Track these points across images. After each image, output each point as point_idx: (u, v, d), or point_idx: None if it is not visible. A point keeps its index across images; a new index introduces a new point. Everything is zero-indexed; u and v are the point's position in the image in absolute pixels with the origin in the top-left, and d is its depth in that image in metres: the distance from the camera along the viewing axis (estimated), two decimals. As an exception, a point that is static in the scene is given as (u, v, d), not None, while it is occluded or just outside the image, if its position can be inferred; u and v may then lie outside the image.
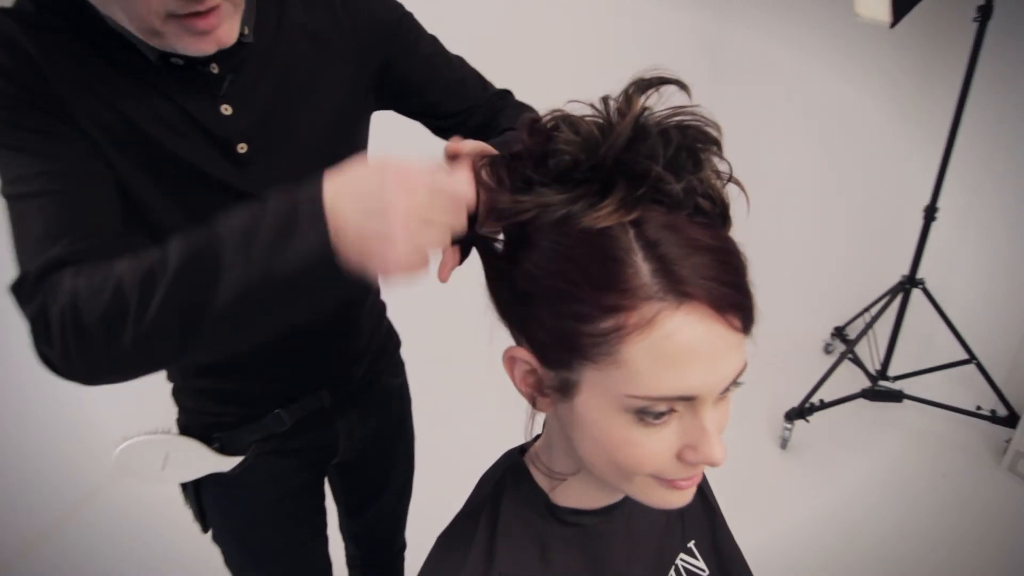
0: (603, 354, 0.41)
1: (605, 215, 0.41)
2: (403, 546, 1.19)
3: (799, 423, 2.03)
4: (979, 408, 1.99)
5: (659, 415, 0.42)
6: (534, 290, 0.44)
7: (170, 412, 0.87)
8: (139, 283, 0.47)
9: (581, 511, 0.54)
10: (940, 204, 1.93)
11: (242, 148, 0.67)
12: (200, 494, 0.87)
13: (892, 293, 2.06)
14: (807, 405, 2.02)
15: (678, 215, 0.43)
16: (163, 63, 0.62)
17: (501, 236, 0.50)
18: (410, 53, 0.80)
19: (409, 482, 1.12)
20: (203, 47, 0.58)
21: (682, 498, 0.47)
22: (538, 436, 0.59)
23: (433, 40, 0.84)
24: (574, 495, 0.53)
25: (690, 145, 0.43)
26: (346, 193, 0.44)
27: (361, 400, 0.92)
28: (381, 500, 1.07)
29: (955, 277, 2.14)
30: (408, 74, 0.80)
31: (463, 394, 2.12)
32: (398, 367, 1.02)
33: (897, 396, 2.07)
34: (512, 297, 0.47)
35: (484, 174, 0.48)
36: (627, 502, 0.56)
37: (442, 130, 0.86)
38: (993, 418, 1.96)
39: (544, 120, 0.46)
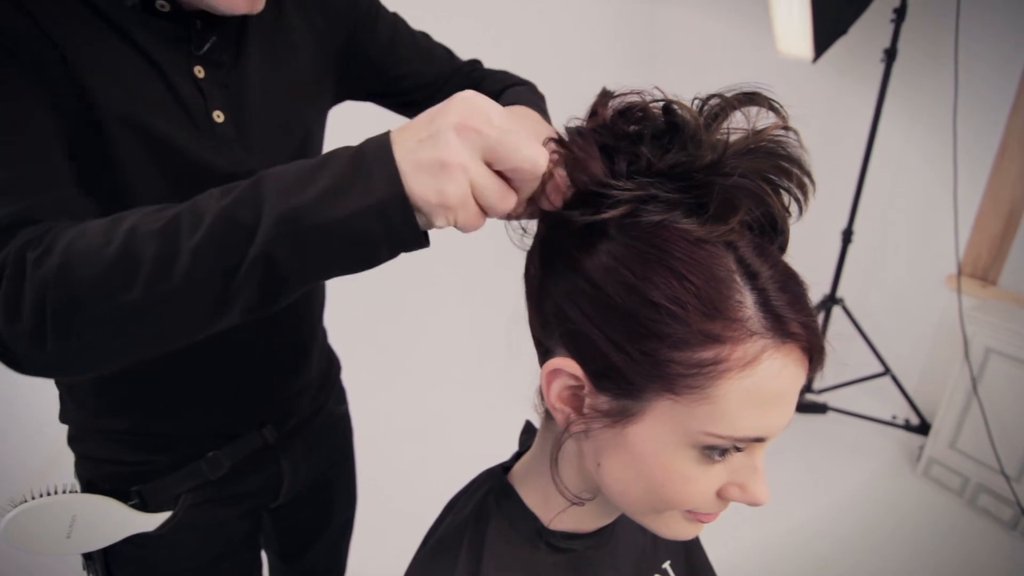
0: (692, 387, 0.36)
1: (723, 232, 0.36)
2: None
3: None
4: (894, 417, 2.13)
5: (724, 452, 0.39)
6: (612, 292, 0.38)
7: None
8: (160, 231, 0.39)
9: (574, 535, 0.49)
10: (855, 228, 2.08)
11: (219, 117, 0.60)
12: (110, 565, 0.72)
13: (815, 310, 2.19)
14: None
15: (760, 238, 0.39)
16: (145, 7, 0.55)
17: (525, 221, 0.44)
18: (371, 25, 0.75)
19: (351, 518, 1.04)
20: (236, 2, 0.55)
21: (698, 530, 0.44)
22: (518, 454, 0.55)
23: (395, 15, 0.80)
24: (571, 518, 0.49)
25: (805, 173, 0.39)
26: (408, 129, 0.39)
27: (307, 433, 0.84)
28: (321, 541, 0.98)
29: (870, 295, 2.29)
30: (374, 48, 0.76)
31: (405, 419, 2.07)
32: (341, 394, 0.95)
33: (822, 408, 2.18)
34: (573, 295, 0.40)
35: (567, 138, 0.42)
36: (616, 523, 0.52)
37: (409, 105, 0.82)
38: (907, 427, 2.10)
39: (636, 102, 0.40)
